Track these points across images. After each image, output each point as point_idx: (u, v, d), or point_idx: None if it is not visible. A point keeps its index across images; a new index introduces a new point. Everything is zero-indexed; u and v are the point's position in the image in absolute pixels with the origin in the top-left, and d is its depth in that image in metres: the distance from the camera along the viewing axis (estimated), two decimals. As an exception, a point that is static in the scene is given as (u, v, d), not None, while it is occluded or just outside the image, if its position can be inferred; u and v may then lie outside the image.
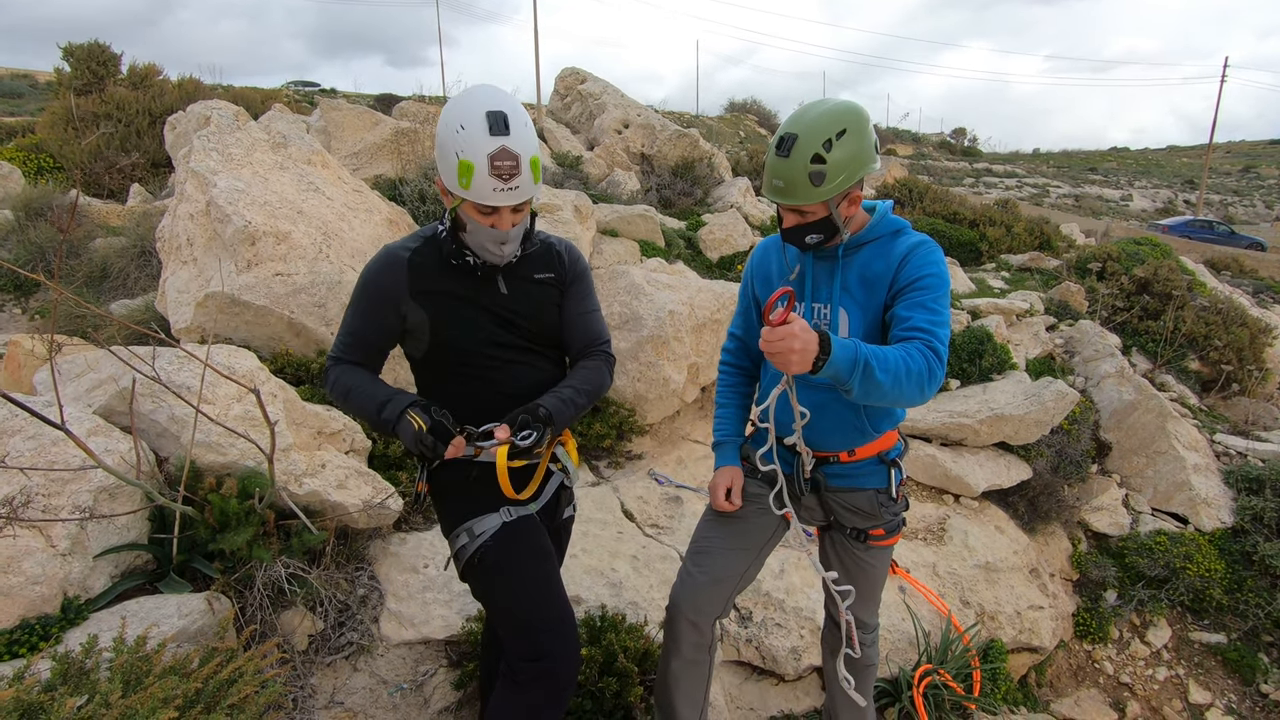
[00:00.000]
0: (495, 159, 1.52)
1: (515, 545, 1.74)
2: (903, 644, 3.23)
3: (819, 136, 1.67)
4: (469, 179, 1.54)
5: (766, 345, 1.46)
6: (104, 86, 9.66)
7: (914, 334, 1.65)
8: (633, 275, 4.60)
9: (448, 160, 1.57)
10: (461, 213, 1.66)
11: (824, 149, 1.66)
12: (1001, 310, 6.43)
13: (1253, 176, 49.10)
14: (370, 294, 1.75)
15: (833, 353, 1.47)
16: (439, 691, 2.49)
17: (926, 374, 1.58)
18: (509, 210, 1.63)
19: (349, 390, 1.73)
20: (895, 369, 1.54)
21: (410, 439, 1.61)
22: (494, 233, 1.64)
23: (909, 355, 1.58)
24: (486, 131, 1.52)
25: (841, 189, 1.71)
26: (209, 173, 3.79)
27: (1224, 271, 11.35)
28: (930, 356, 1.60)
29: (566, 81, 11.57)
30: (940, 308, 1.70)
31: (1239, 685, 4.08)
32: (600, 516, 3.58)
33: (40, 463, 2.17)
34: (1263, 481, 4.83)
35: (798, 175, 1.69)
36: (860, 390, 1.52)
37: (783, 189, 1.73)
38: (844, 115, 1.70)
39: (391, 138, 6.94)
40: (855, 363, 1.49)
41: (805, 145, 1.67)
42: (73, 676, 1.64)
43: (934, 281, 1.73)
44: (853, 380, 1.51)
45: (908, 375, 1.55)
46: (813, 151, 1.66)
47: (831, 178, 1.68)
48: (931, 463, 4.46)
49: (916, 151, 44.02)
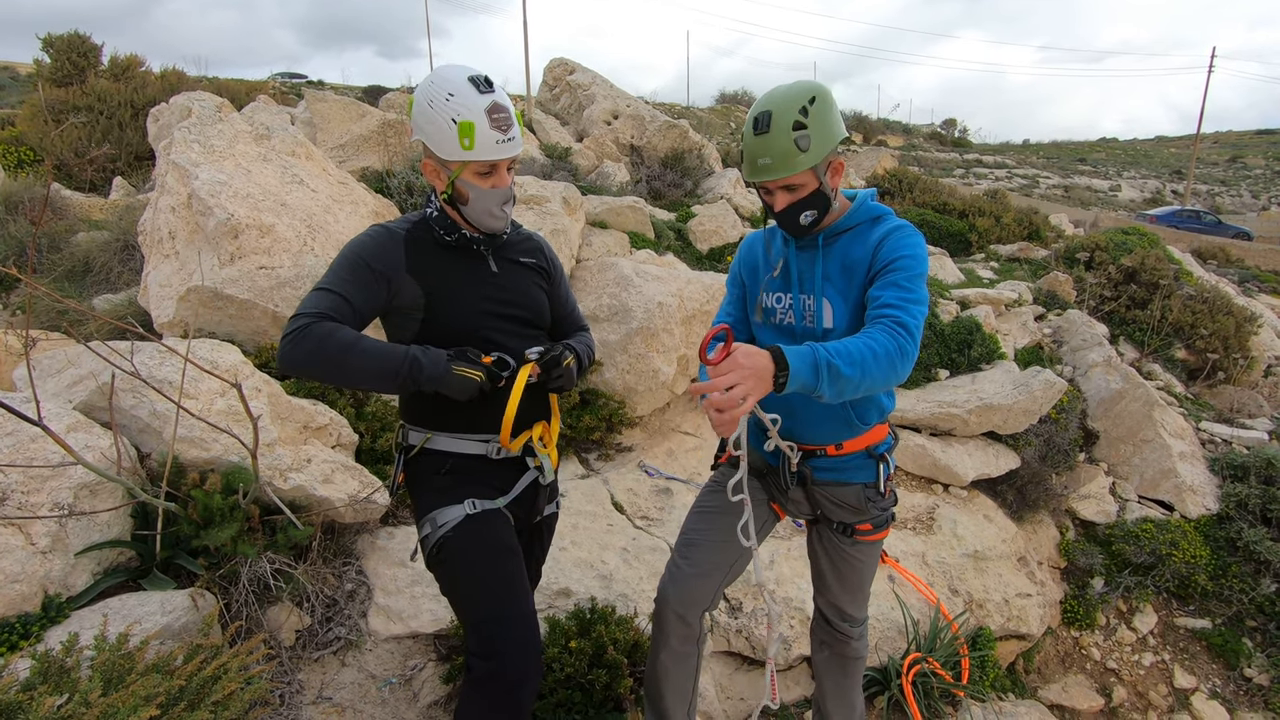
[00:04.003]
0: (492, 112, 1.61)
1: (476, 538, 1.72)
2: (892, 633, 3.24)
3: (794, 105, 1.68)
4: (472, 138, 1.60)
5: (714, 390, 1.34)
6: (85, 78, 9.51)
7: (883, 312, 1.62)
8: (622, 267, 4.57)
9: (442, 130, 1.61)
10: (460, 183, 1.68)
11: (801, 115, 1.67)
12: (990, 300, 6.45)
13: (1239, 166, 49.46)
14: (362, 264, 1.65)
15: (790, 366, 1.41)
16: (428, 685, 2.48)
17: (896, 352, 1.52)
18: (505, 167, 1.70)
19: (350, 345, 1.54)
20: (860, 358, 1.48)
21: (470, 390, 1.63)
22: (498, 192, 1.70)
23: (872, 339, 1.52)
24: (476, 91, 1.60)
25: (825, 152, 1.71)
26: (190, 165, 3.73)
27: (1211, 261, 11.44)
28: (898, 332, 1.55)
29: (555, 72, 11.49)
30: (914, 286, 1.68)
31: (1223, 669, 4.13)
32: (590, 509, 3.57)
33: (19, 460, 2.14)
34: (1247, 468, 4.88)
35: (783, 145, 1.68)
36: (832, 392, 1.47)
37: (770, 165, 1.71)
38: (809, 86, 1.72)
39: (378, 129, 6.87)
40: (817, 367, 1.44)
41: (783, 116, 1.67)
42: (52, 675, 1.62)
43: (908, 262, 1.71)
44: (820, 385, 1.45)
45: (874, 359, 1.49)
46: (792, 119, 1.67)
47: (816, 140, 1.69)
48: (920, 452, 4.48)
49: (907, 143, 44.04)
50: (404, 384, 1.59)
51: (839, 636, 2.19)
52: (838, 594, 2.13)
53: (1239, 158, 52.16)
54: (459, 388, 1.63)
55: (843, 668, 2.25)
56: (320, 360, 1.53)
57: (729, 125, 26.98)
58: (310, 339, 1.53)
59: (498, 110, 1.61)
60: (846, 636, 2.18)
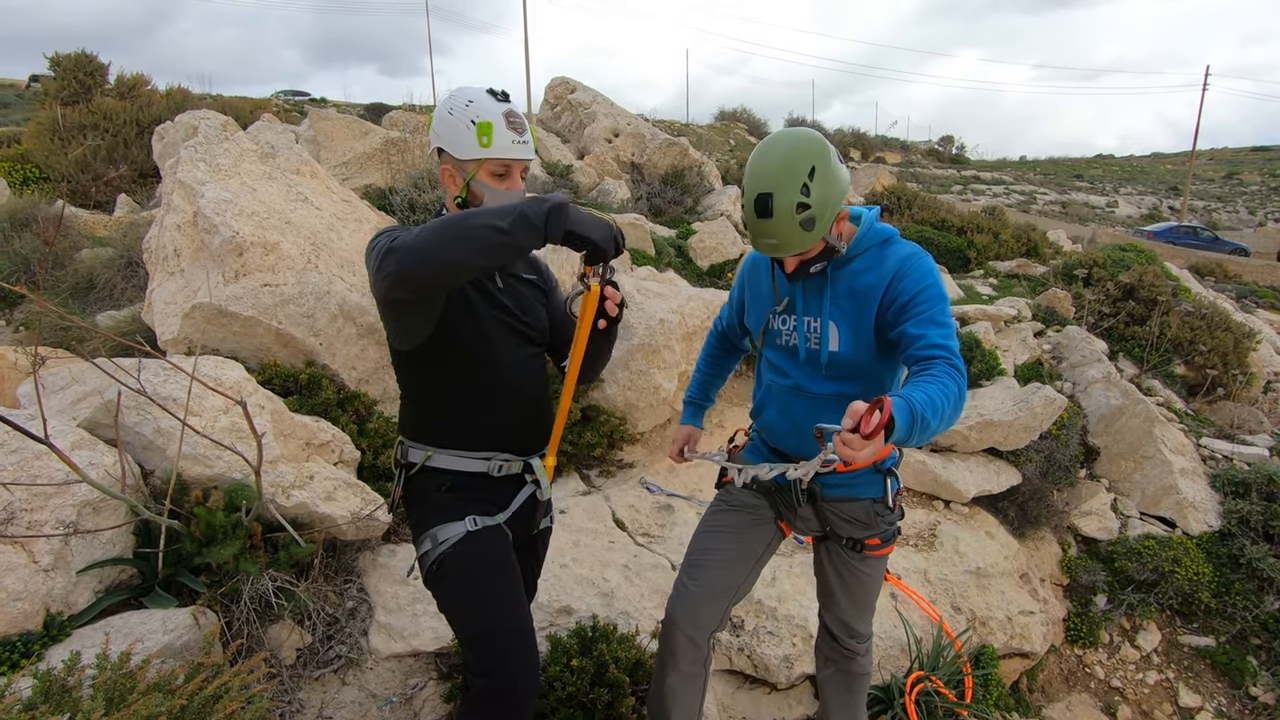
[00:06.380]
0: (509, 116, 1.71)
1: (476, 556, 1.72)
2: (895, 651, 3.23)
3: (794, 185, 1.64)
4: (490, 136, 1.68)
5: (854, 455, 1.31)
6: (91, 96, 9.61)
7: (934, 352, 1.60)
8: (623, 284, 4.60)
9: (460, 132, 1.69)
10: (476, 184, 1.73)
11: (804, 195, 1.64)
12: (989, 316, 6.48)
13: (1235, 183, 49.77)
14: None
15: (896, 425, 1.35)
16: (429, 705, 2.47)
17: (958, 395, 1.53)
18: (519, 171, 1.76)
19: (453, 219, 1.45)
20: (941, 407, 1.47)
21: (606, 227, 1.50)
22: (512, 194, 1.74)
23: (944, 387, 1.51)
24: (493, 100, 1.72)
25: (831, 221, 1.71)
26: (196, 183, 3.77)
27: (1208, 277, 11.48)
28: (957, 376, 1.56)
29: (556, 91, 11.61)
30: (947, 320, 1.69)
31: (1228, 688, 4.10)
32: (591, 526, 3.57)
33: (23, 477, 2.15)
34: (1248, 485, 4.87)
35: (789, 230, 1.67)
36: (917, 441, 1.45)
37: (778, 245, 1.71)
38: (806, 152, 1.66)
39: (381, 147, 6.94)
40: (913, 422, 1.41)
41: (784, 199, 1.64)
42: (54, 694, 1.61)
43: (934, 293, 1.72)
44: (912, 437, 1.43)
45: (948, 405, 1.49)
46: (794, 202, 1.64)
47: (821, 216, 1.68)
48: (921, 468, 4.47)
49: (905, 159, 44.36)
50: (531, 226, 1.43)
51: (845, 653, 2.19)
52: (845, 609, 2.13)
53: (1235, 174, 52.51)
54: (592, 223, 1.49)
55: (848, 685, 2.24)
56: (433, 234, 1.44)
57: (728, 142, 27.20)
58: (409, 235, 1.47)
59: (514, 115, 1.72)
60: (852, 652, 2.18)
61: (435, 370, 1.77)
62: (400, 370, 1.83)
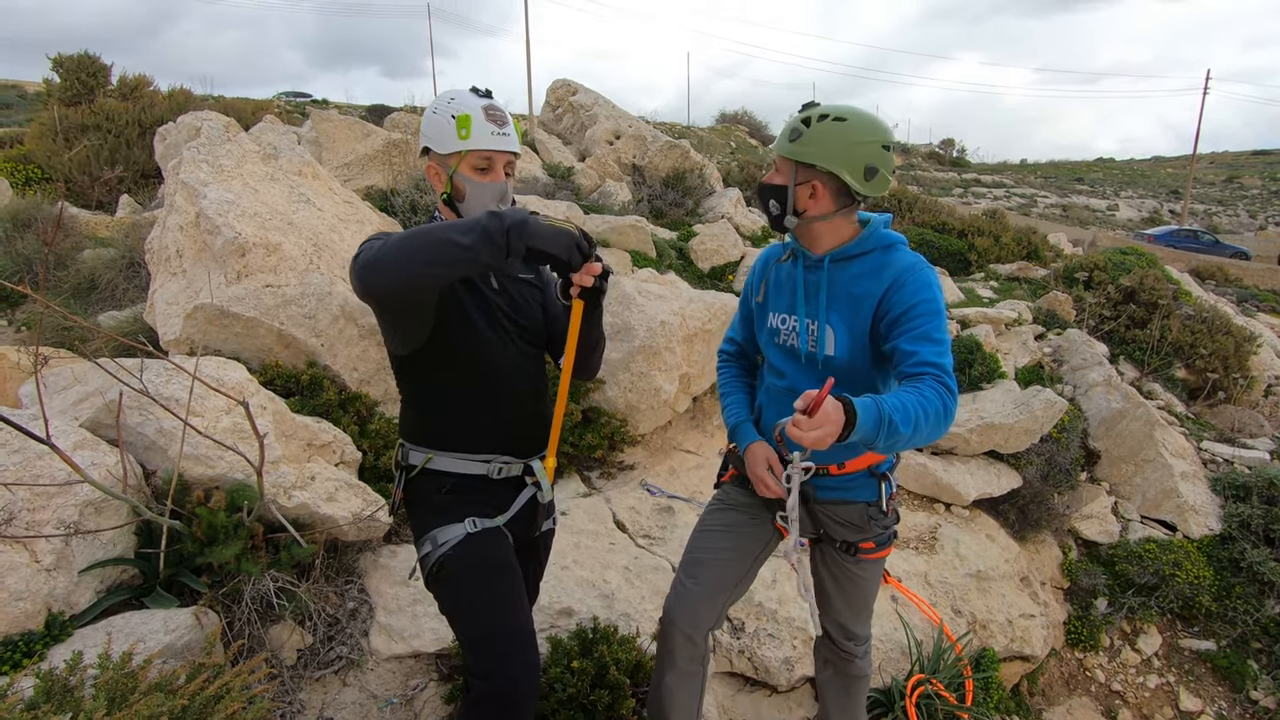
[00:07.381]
0: (488, 109, 1.72)
1: (477, 557, 1.72)
2: (895, 653, 3.23)
3: (830, 110, 1.76)
4: (469, 129, 1.69)
5: (801, 435, 1.37)
6: (94, 98, 9.64)
7: (924, 369, 1.61)
8: (624, 286, 4.61)
9: (442, 128, 1.71)
10: (458, 178, 1.73)
11: (818, 118, 1.75)
12: (990, 319, 6.48)
13: (1236, 186, 49.82)
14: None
15: (858, 421, 1.42)
16: (429, 706, 2.47)
17: (943, 412, 1.54)
18: (502, 165, 1.74)
19: (415, 232, 1.47)
20: (915, 417, 1.49)
21: (568, 241, 1.49)
22: (493, 187, 1.74)
23: (925, 399, 1.53)
24: (474, 95, 1.75)
25: (805, 158, 1.75)
26: (199, 184, 3.78)
27: (1209, 280, 11.50)
28: (944, 393, 1.57)
29: (558, 93, 11.64)
30: (942, 336, 1.68)
31: (1229, 692, 4.10)
32: (592, 527, 3.57)
33: (25, 477, 2.15)
34: (1249, 488, 4.87)
35: (791, 125, 1.79)
36: (885, 444, 1.49)
37: (781, 133, 1.85)
38: (862, 122, 1.75)
39: (383, 149, 6.95)
40: (879, 423, 1.45)
41: (817, 110, 1.77)
42: (56, 694, 1.62)
43: (930, 308, 1.71)
44: (878, 439, 1.46)
45: (925, 418, 1.51)
46: (815, 114, 1.76)
47: (804, 142, 1.75)
48: (922, 471, 4.48)
49: (906, 162, 44.39)
50: (493, 242, 1.41)
51: (843, 655, 2.19)
52: (841, 611, 2.13)
53: (1235, 178, 52.54)
54: (553, 235, 1.47)
55: (847, 687, 2.25)
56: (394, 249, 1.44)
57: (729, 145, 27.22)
58: (377, 243, 1.49)
59: (493, 109, 1.73)
60: (850, 654, 2.18)
61: (433, 374, 1.77)
62: (399, 374, 1.83)
